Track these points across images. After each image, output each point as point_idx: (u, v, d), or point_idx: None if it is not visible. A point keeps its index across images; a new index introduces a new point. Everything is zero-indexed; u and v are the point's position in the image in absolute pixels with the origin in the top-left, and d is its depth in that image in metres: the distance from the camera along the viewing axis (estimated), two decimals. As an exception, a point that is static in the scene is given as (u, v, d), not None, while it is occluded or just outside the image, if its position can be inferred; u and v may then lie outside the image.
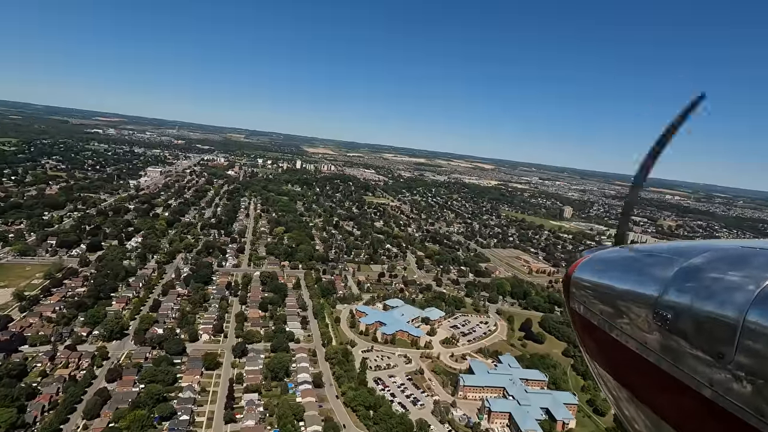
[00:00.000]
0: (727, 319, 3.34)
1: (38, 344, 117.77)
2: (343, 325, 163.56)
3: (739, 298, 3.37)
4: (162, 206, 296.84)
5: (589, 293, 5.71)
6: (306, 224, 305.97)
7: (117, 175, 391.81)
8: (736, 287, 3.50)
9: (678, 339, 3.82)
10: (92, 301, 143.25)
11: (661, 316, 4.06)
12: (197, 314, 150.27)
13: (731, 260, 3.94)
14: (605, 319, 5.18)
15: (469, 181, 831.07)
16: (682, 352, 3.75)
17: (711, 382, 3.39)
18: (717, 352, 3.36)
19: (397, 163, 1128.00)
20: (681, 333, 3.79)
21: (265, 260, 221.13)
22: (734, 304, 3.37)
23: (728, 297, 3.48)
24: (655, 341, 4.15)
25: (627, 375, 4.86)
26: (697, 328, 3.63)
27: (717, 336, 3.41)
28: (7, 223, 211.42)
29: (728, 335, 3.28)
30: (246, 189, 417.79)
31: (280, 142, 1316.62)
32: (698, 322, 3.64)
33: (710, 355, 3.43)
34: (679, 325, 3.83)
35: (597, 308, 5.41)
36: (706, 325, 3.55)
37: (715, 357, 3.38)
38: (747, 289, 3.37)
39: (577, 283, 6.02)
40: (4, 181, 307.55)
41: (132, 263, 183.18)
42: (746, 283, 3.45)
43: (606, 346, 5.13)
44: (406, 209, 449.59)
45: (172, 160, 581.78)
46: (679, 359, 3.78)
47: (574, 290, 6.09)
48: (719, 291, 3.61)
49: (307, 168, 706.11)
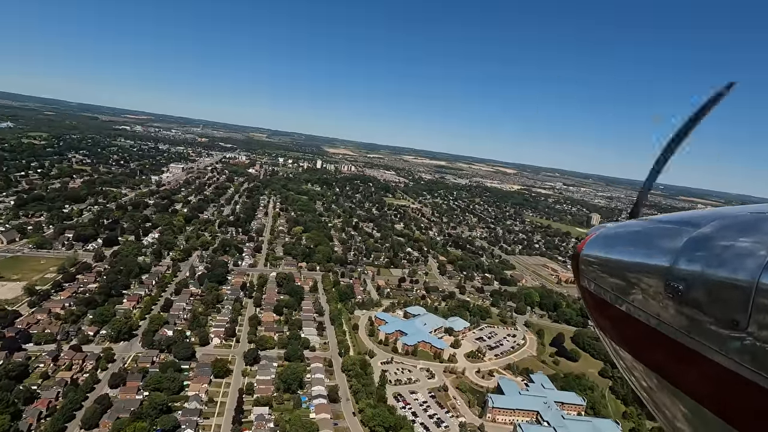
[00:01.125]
0: (740, 286, 3.27)
1: (43, 342, 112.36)
2: (361, 333, 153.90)
3: (751, 264, 3.27)
4: (181, 202, 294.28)
5: (598, 270, 5.59)
6: (325, 224, 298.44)
7: (140, 171, 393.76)
8: (747, 253, 3.42)
9: (691, 309, 3.76)
10: (103, 298, 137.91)
11: (672, 287, 4.00)
12: (209, 316, 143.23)
13: (741, 226, 3.87)
14: (617, 295, 5.06)
15: (491, 185, 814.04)
16: (696, 322, 3.70)
17: (726, 350, 3.34)
18: (731, 320, 3.30)
19: (417, 165, 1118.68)
20: (694, 303, 3.73)
21: (282, 261, 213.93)
22: (746, 270, 3.28)
23: (740, 263, 3.40)
24: (668, 313, 4.08)
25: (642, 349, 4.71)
26: (710, 297, 3.57)
27: (730, 303, 3.35)
28: (28, 215, 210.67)
29: (742, 302, 3.22)
30: (266, 187, 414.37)
31: (301, 142, 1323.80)
32: (710, 291, 3.58)
33: (724, 323, 3.38)
34: (692, 294, 3.76)
35: (607, 284, 5.28)
36: (719, 293, 3.50)
37: (730, 324, 3.32)
38: (758, 255, 3.29)
39: (586, 260, 5.89)
40: (30, 173, 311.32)
41: (147, 260, 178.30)
42: (757, 248, 3.37)
43: (619, 321, 5.01)
44: (427, 212, 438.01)
45: (195, 157, 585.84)
46: (693, 329, 3.72)
47: (584, 267, 5.94)
48: (730, 258, 3.54)
49: (328, 168, 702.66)
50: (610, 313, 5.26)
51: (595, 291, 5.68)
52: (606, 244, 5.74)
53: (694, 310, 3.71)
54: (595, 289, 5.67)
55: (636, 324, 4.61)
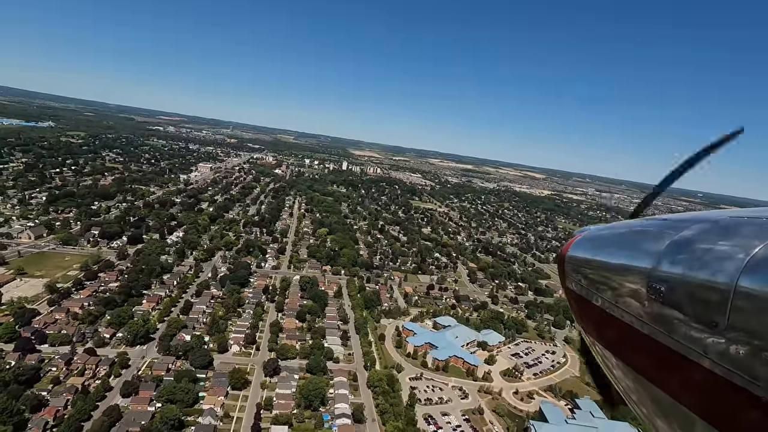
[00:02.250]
0: (719, 288, 3.37)
1: (58, 344, 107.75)
2: (388, 344, 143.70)
3: (730, 267, 3.38)
4: (208, 201, 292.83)
5: (583, 271, 5.66)
6: (350, 227, 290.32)
7: (169, 169, 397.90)
8: (726, 256, 3.52)
9: (672, 310, 3.84)
10: (122, 298, 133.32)
11: (654, 289, 4.08)
12: (229, 320, 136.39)
13: (721, 230, 3.96)
14: (601, 296, 5.15)
15: (520, 189, 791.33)
16: (677, 323, 3.78)
17: (705, 350, 3.43)
18: (710, 321, 3.39)
19: (444, 168, 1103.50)
20: (675, 304, 3.82)
21: (306, 263, 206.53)
22: (725, 273, 3.38)
23: (719, 266, 3.50)
24: (650, 314, 4.16)
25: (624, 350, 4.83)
26: (690, 299, 3.67)
27: (710, 305, 3.44)
28: (57, 211, 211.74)
29: (720, 304, 3.31)
30: (292, 188, 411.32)
31: (327, 144, 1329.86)
32: (691, 293, 3.68)
33: (704, 324, 3.47)
34: (673, 296, 3.85)
35: (592, 285, 5.37)
36: (699, 294, 3.59)
37: (709, 325, 3.40)
38: (737, 258, 3.39)
39: (572, 261, 5.97)
40: (64, 170, 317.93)
41: (169, 259, 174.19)
42: (736, 252, 3.46)
43: (603, 322, 5.09)
44: (455, 216, 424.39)
45: (224, 157, 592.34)
46: (674, 330, 3.80)
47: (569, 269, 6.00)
48: (710, 261, 3.64)
49: (353, 170, 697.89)
50: (594, 313, 5.29)
51: (580, 292, 5.68)
52: (591, 246, 5.75)
53: (675, 311, 3.80)
54: (580, 291, 5.68)
55: (619, 324, 4.68)
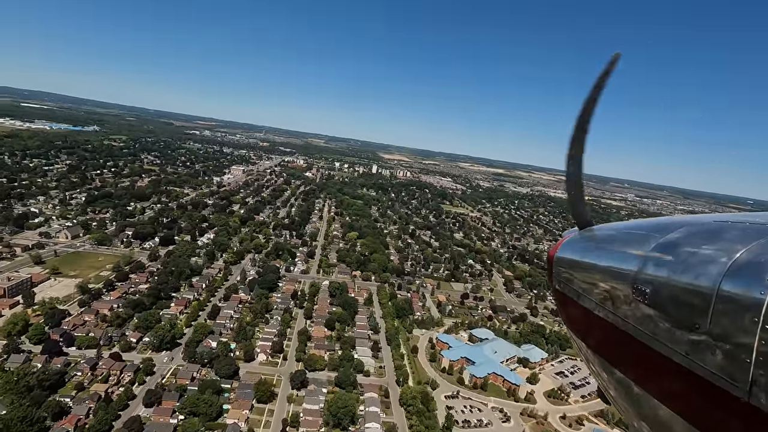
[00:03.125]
0: (702, 291, 3.45)
1: (85, 348, 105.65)
2: (421, 358, 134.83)
3: (713, 271, 3.45)
4: (239, 203, 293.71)
5: (571, 272, 5.69)
6: (380, 231, 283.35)
7: (203, 172, 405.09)
8: (710, 260, 3.60)
9: (656, 312, 3.91)
10: (151, 300, 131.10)
11: (640, 291, 4.13)
12: (257, 326, 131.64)
13: (705, 234, 4.04)
14: (588, 297, 5.19)
15: (555, 194, 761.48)
16: (661, 324, 3.84)
17: (687, 351, 3.51)
18: (693, 323, 3.47)
19: (474, 172, 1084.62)
20: (659, 306, 3.88)
21: (336, 268, 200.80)
22: (708, 276, 3.45)
23: (703, 270, 3.56)
24: (635, 315, 4.22)
25: (610, 350, 4.88)
26: (674, 301, 3.74)
27: (692, 307, 3.51)
28: (95, 211, 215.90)
29: (703, 306, 3.39)
30: (322, 191, 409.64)
31: (356, 148, 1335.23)
32: (675, 295, 3.74)
33: (686, 326, 3.54)
34: (657, 298, 3.91)
35: (580, 286, 5.41)
36: (682, 297, 3.66)
37: (691, 327, 3.48)
38: (720, 262, 3.47)
39: (560, 262, 6.00)
40: (104, 172, 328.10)
41: (199, 261, 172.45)
42: (719, 255, 3.54)
43: (589, 322, 5.13)
44: (488, 221, 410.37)
45: (256, 160, 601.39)
46: (658, 331, 3.86)
47: (557, 270, 6.03)
48: (694, 264, 3.71)
49: (383, 173, 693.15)
50: (581, 314, 5.31)
51: (567, 293, 5.70)
52: (579, 247, 5.77)
53: (659, 313, 3.86)
54: (567, 291, 5.70)
55: (605, 325, 4.74)
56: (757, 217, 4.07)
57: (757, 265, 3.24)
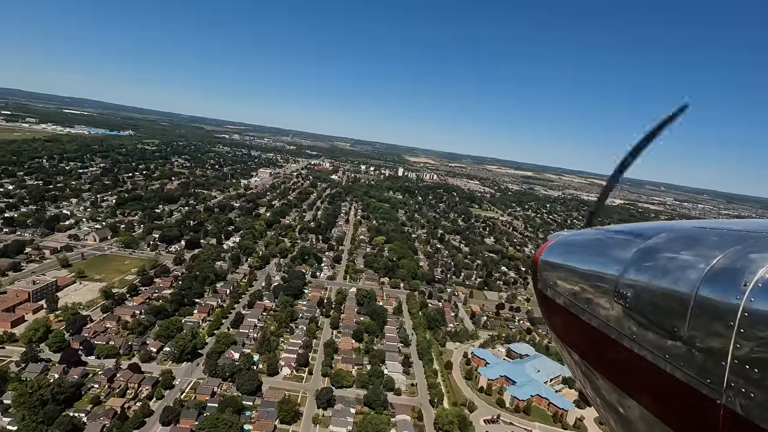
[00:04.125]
0: (680, 296, 3.55)
1: (104, 357, 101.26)
2: (456, 375, 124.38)
3: (691, 276, 3.56)
4: (265, 206, 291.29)
5: (555, 276, 5.76)
6: (408, 235, 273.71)
7: (231, 174, 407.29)
8: (688, 265, 3.70)
9: (637, 316, 4.01)
10: (173, 307, 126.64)
11: (621, 295, 4.24)
12: (281, 336, 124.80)
13: (685, 240, 4.14)
14: (571, 300, 5.26)
15: (588, 198, 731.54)
16: (641, 328, 3.94)
17: (666, 355, 3.61)
18: (672, 327, 3.57)
19: (502, 175, 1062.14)
20: (639, 310, 3.99)
21: (363, 274, 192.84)
22: (686, 282, 3.56)
23: (681, 275, 3.67)
24: (616, 319, 4.34)
25: (592, 353, 4.95)
26: (654, 305, 3.84)
27: (671, 312, 3.61)
28: (124, 214, 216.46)
29: (681, 311, 3.49)
30: (348, 194, 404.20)
31: (382, 151, 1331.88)
32: (654, 300, 3.86)
33: (665, 330, 3.64)
34: (638, 302, 4.02)
35: (563, 290, 5.49)
36: (662, 301, 3.76)
37: (670, 331, 3.58)
38: (698, 267, 3.57)
39: (544, 266, 6.04)
40: (136, 175, 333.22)
41: (224, 265, 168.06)
42: (697, 261, 3.64)
43: (572, 325, 5.20)
44: (519, 225, 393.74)
45: (283, 163, 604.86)
46: (638, 335, 3.96)
47: (541, 273, 6.09)
48: (673, 269, 3.81)
49: (409, 176, 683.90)
50: (564, 317, 5.38)
51: (551, 296, 5.76)
52: (563, 251, 5.86)
53: (640, 317, 3.97)
54: (551, 294, 5.76)
55: (587, 328, 4.82)
56: (734, 224, 4.21)
57: (734, 271, 3.35)
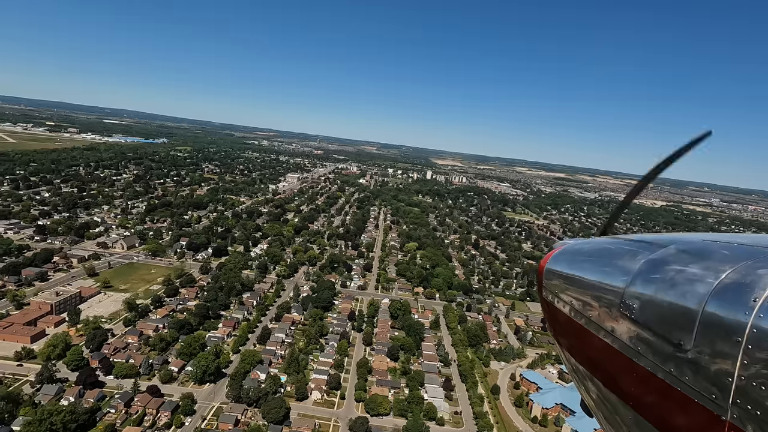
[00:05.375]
0: (687, 310, 3.50)
1: (123, 377, 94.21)
2: (504, 401, 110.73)
3: (699, 290, 3.51)
4: (293, 211, 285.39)
5: (560, 284, 5.73)
6: (441, 241, 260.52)
7: (260, 180, 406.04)
8: (696, 279, 3.65)
9: (642, 328, 3.98)
10: (198, 321, 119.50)
11: (627, 306, 4.21)
12: (310, 354, 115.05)
13: (693, 253, 4.08)
14: (576, 309, 5.24)
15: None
16: (646, 340, 3.91)
17: (671, 369, 3.58)
18: (677, 341, 3.52)
19: (533, 177, 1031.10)
20: (645, 322, 3.95)
21: (395, 283, 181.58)
22: (694, 296, 3.51)
23: (689, 288, 3.62)
24: (621, 330, 4.30)
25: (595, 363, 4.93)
26: (660, 318, 3.80)
27: (677, 325, 3.56)
28: (153, 221, 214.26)
29: (687, 325, 3.44)
30: (376, 198, 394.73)
31: (409, 154, 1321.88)
32: (660, 312, 3.81)
33: (671, 344, 3.59)
34: (644, 314, 3.98)
35: (567, 298, 5.47)
36: (668, 315, 3.72)
37: (675, 345, 3.53)
38: (706, 282, 3.52)
39: (549, 274, 6.03)
40: (167, 181, 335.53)
41: (251, 274, 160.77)
42: (706, 275, 3.60)
43: (576, 334, 5.18)
44: (556, 229, 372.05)
45: (310, 167, 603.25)
46: (643, 347, 3.93)
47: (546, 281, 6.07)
48: (681, 282, 3.76)
49: (438, 179, 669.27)
50: (568, 326, 5.36)
51: (555, 304, 5.74)
52: (569, 259, 5.81)
53: (645, 329, 3.93)
54: (556, 302, 5.74)
55: (591, 338, 4.80)
56: (745, 238, 4.13)
57: (743, 286, 3.28)
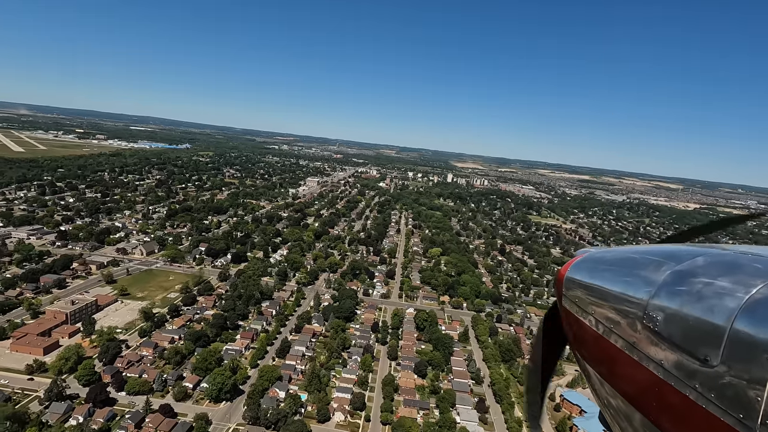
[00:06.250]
0: (715, 325, 3.33)
1: (135, 393, 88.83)
2: (545, 426, 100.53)
3: (728, 305, 3.33)
4: (313, 215, 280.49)
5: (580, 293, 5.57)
6: (465, 246, 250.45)
7: (279, 184, 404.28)
8: (725, 293, 3.47)
9: (666, 341, 3.81)
10: (215, 332, 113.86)
11: (650, 318, 4.06)
12: (332, 369, 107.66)
13: (722, 266, 3.92)
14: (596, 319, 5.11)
15: (657, 202, 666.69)
16: (669, 354, 3.74)
17: (696, 385, 3.41)
18: (703, 356, 3.36)
19: (556, 179, 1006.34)
20: (669, 336, 3.78)
21: (420, 291, 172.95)
22: (723, 311, 3.34)
23: (717, 303, 3.45)
24: (643, 342, 4.15)
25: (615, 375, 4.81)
26: (685, 332, 3.63)
27: (704, 340, 3.40)
28: (173, 226, 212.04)
29: (715, 341, 3.27)
30: (397, 201, 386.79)
31: (428, 157, 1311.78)
32: (686, 326, 3.64)
33: (696, 359, 3.43)
34: (668, 328, 3.82)
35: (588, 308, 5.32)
36: (694, 329, 3.55)
37: (701, 360, 3.37)
38: (736, 296, 3.34)
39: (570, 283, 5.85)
40: (189, 186, 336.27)
41: (270, 282, 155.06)
42: (736, 289, 3.41)
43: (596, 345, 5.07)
44: (585, 234, 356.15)
45: (330, 171, 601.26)
46: (666, 361, 3.77)
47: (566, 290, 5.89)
48: (708, 296, 3.59)
49: (458, 182, 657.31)
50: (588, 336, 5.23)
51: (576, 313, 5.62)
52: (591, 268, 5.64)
53: (669, 343, 3.75)
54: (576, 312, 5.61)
55: (612, 350, 4.66)
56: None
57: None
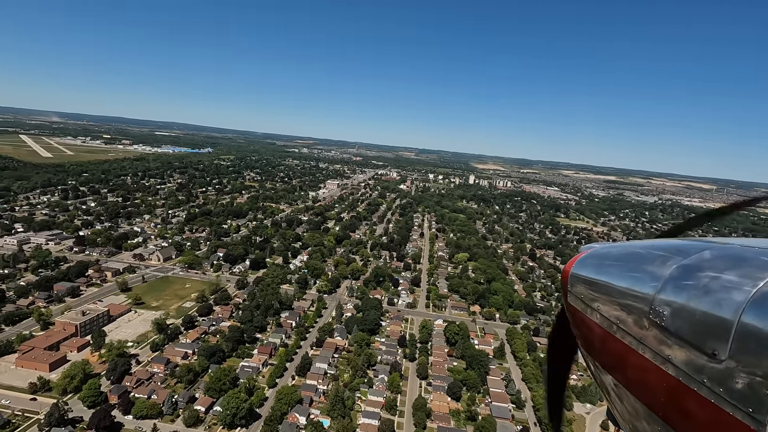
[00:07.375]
0: (722, 319, 3.32)
1: (143, 417, 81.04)
2: None
3: (736, 298, 3.32)
4: (334, 219, 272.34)
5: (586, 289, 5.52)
6: (493, 251, 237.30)
7: (299, 187, 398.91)
8: (732, 287, 3.45)
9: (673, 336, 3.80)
10: (231, 346, 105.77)
11: (657, 313, 4.04)
12: (357, 390, 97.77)
13: (729, 259, 3.89)
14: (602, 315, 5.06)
15: (690, 203, 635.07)
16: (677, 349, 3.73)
17: (704, 379, 3.40)
18: (711, 351, 3.35)
19: (581, 180, 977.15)
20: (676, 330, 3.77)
21: (448, 300, 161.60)
22: (730, 304, 3.32)
23: (724, 297, 3.43)
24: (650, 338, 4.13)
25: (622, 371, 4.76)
26: (692, 327, 3.61)
27: (711, 335, 3.39)
28: (192, 230, 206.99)
29: (722, 334, 3.27)
30: (419, 204, 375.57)
31: (448, 159, 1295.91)
32: (693, 321, 3.62)
33: (703, 353, 3.43)
34: (675, 322, 3.80)
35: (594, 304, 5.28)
36: (701, 323, 3.53)
37: (709, 355, 3.37)
38: (743, 290, 3.33)
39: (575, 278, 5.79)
40: (209, 189, 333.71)
41: (290, 290, 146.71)
42: (743, 283, 3.40)
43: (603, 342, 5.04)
44: (618, 237, 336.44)
45: (350, 174, 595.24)
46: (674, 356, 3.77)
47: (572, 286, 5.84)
48: (715, 290, 3.57)
49: (481, 184, 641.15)
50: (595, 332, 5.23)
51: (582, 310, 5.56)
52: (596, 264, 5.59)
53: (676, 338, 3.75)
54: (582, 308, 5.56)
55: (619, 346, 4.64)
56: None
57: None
